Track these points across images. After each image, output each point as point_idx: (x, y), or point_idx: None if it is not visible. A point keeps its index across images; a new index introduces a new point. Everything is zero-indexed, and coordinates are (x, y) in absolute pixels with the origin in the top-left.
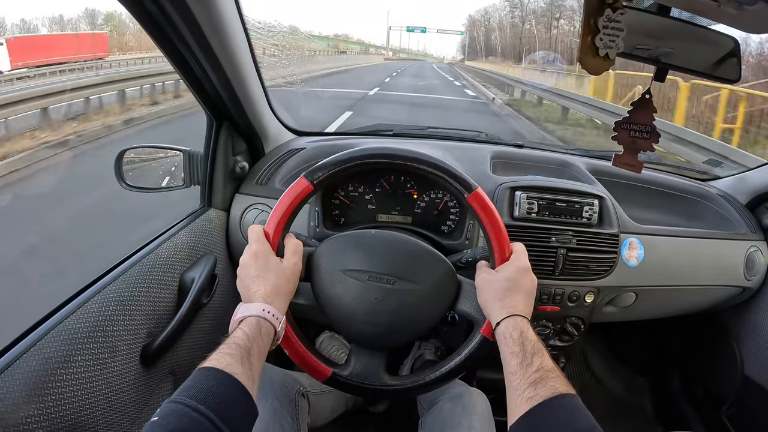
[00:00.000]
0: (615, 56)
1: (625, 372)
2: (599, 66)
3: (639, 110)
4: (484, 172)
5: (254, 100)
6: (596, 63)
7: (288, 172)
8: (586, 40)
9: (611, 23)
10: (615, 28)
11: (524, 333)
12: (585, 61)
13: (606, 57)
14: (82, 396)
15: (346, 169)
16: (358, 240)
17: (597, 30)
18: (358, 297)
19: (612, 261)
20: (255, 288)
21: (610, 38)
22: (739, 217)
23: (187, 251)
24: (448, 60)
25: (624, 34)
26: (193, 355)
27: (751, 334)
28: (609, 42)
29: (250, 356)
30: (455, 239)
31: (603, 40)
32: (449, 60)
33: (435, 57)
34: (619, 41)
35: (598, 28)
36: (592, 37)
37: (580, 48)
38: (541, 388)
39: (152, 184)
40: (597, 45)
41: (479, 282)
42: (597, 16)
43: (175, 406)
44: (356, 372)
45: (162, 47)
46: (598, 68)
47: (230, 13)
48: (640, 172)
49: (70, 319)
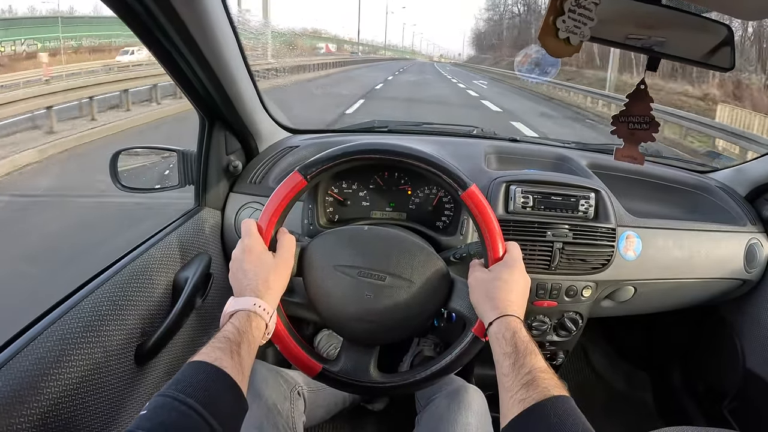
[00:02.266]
0: (579, 42)
1: (626, 367)
2: (560, 48)
3: (636, 101)
4: (478, 167)
5: (246, 99)
6: (556, 45)
7: (282, 171)
8: (549, 19)
9: (579, 9)
10: (583, 14)
11: (517, 333)
12: (544, 40)
13: (567, 41)
14: (76, 396)
15: (340, 164)
16: (351, 236)
17: (561, 11)
18: (349, 293)
19: (609, 255)
20: (246, 282)
21: (575, 23)
22: (739, 209)
23: (181, 251)
24: (442, 58)
25: (593, 23)
26: (188, 354)
27: (752, 327)
28: (573, 27)
29: (240, 350)
30: (450, 234)
31: (566, 23)
32: (448, 59)
33: (424, 55)
34: (585, 29)
35: (563, 9)
36: (554, 18)
37: (542, 28)
38: (533, 390)
39: (147, 184)
40: (558, 26)
41: (472, 281)
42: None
43: (163, 400)
44: (346, 368)
45: (150, 47)
46: (558, 50)
47: (217, 12)
48: (642, 164)
49: (63, 320)
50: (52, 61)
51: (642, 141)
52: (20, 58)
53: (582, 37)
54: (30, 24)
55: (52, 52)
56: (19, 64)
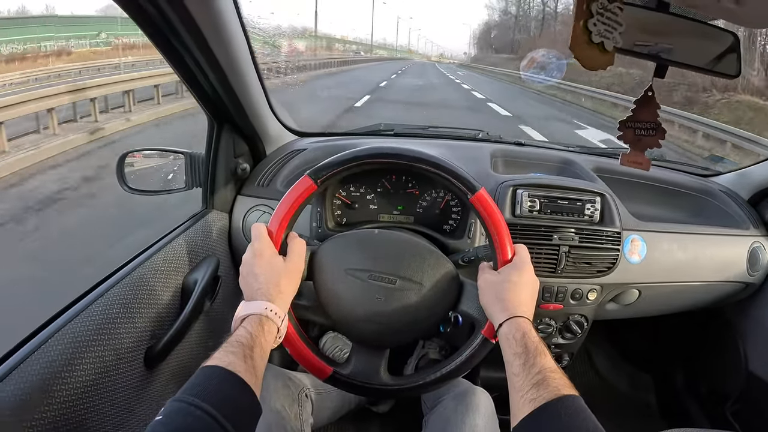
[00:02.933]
0: (613, 49)
1: (629, 369)
2: (595, 58)
3: (642, 107)
4: (485, 171)
5: (255, 102)
6: (591, 53)
7: (290, 174)
8: (579, 24)
9: (606, 12)
10: (611, 18)
11: (527, 334)
12: (578, 50)
13: (602, 47)
14: (86, 398)
15: (350, 168)
16: (361, 239)
17: (591, 14)
18: (359, 296)
19: (614, 258)
20: (257, 286)
21: (606, 27)
22: (742, 212)
23: (190, 253)
24: (442, 58)
25: (622, 28)
26: (197, 357)
27: (755, 330)
28: (604, 30)
29: (252, 354)
30: (457, 238)
31: (597, 26)
32: (448, 58)
33: (421, 55)
34: (616, 34)
35: (591, 12)
36: (585, 21)
37: (573, 35)
38: (543, 389)
39: (154, 186)
40: (590, 29)
41: (481, 283)
42: (591, 1)
43: (179, 405)
44: (357, 371)
45: (161, 49)
46: (593, 60)
47: (230, 15)
48: (648, 169)
49: (74, 322)
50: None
51: (648, 147)
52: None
53: (615, 43)
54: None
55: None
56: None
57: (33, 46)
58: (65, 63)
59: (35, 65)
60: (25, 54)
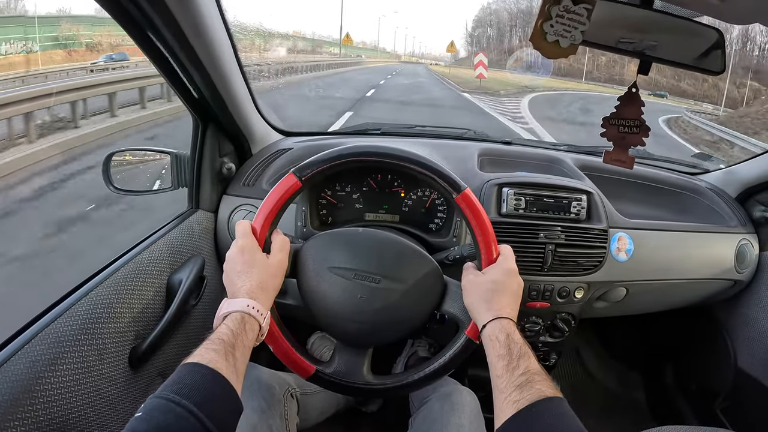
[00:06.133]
0: (570, 45)
1: (619, 367)
2: (553, 50)
3: (626, 105)
4: (471, 170)
5: (239, 101)
6: (548, 47)
7: (275, 173)
8: (538, 23)
9: (568, 14)
10: (573, 19)
11: (510, 335)
12: (536, 43)
13: (557, 44)
14: (70, 399)
15: (335, 166)
16: (345, 238)
17: (549, 16)
18: (343, 295)
19: (601, 256)
20: (240, 283)
21: (565, 27)
22: (729, 210)
23: (175, 253)
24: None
25: (585, 26)
26: (181, 356)
27: (743, 327)
28: (562, 30)
29: (234, 351)
30: (443, 237)
31: (554, 27)
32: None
33: (388, 53)
34: (576, 33)
35: (550, 15)
36: (542, 22)
37: (532, 32)
38: (527, 391)
39: (141, 186)
40: (545, 30)
41: (466, 283)
42: (552, 5)
43: (159, 402)
44: (340, 370)
45: (144, 49)
46: (551, 52)
47: (212, 14)
48: (631, 168)
49: (57, 322)
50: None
51: (632, 145)
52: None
53: (573, 41)
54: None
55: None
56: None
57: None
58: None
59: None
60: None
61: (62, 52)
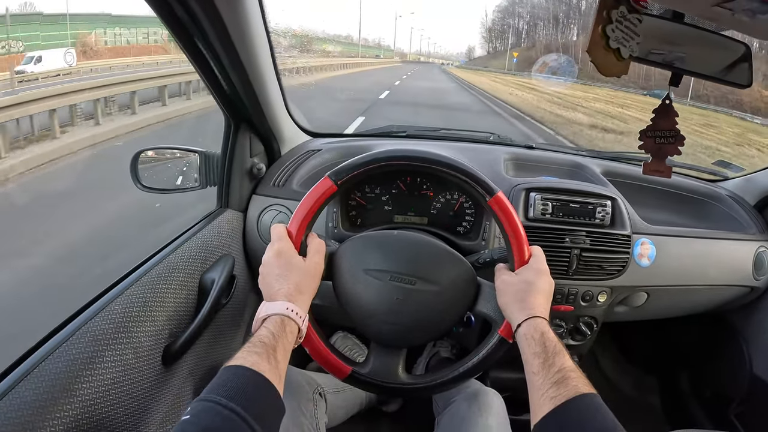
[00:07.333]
0: (629, 57)
1: (634, 371)
2: (610, 64)
3: (661, 116)
4: (499, 174)
5: (272, 102)
6: (607, 58)
7: (306, 174)
8: (597, 29)
9: (625, 21)
10: (629, 27)
11: (545, 334)
12: (595, 54)
13: (618, 53)
14: (108, 396)
15: (370, 170)
16: (380, 240)
17: (609, 20)
18: (379, 296)
19: (624, 261)
20: (278, 286)
21: (624, 34)
22: (748, 217)
23: (206, 252)
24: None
25: (639, 39)
26: (213, 355)
27: (758, 334)
28: (622, 37)
29: (275, 354)
30: (471, 240)
31: (615, 32)
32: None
33: (392, 52)
34: (633, 43)
35: (611, 18)
36: (603, 27)
37: (591, 38)
38: (563, 387)
39: (168, 185)
40: (608, 34)
41: (499, 284)
42: (611, 8)
43: (206, 404)
44: (375, 370)
45: (186, 49)
46: (608, 65)
47: (255, 15)
48: (669, 177)
49: (94, 320)
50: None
51: (669, 155)
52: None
53: (632, 51)
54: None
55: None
56: None
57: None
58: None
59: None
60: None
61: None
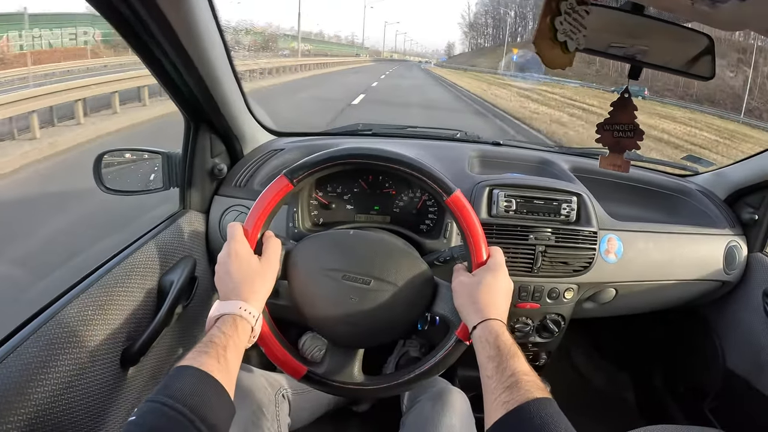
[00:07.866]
0: (575, 50)
1: (608, 367)
2: (556, 56)
3: (620, 110)
4: (462, 171)
5: (231, 102)
6: (552, 51)
7: (267, 174)
8: (545, 20)
9: (573, 13)
10: (576, 20)
11: (500, 337)
12: (541, 46)
13: (564, 46)
14: (62, 400)
15: (327, 168)
16: (336, 239)
17: (558, 12)
18: (334, 296)
19: (591, 258)
20: (232, 285)
21: (571, 26)
22: (718, 212)
23: (166, 254)
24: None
25: (586, 31)
26: (173, 357)
27: (731, 328)
28: (570, 30)
29: (226, 354)
30: (434, 237)
31: (563, 25)
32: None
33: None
34: (580, 36)
35: (559, 10)
36: (551, 18)
37: (538, 30)
38: (516, 392)
39: (132, 186)
40: (556, 27)
41: (456, 285)
42: (560, 0)
43: (153, 405)
44: (331, 371)
45: (135, 49)
46: (553, 59)
47: (204, 15)
48: (627, 171)
49: (49, 324)
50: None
51: (627, 149)
52: None
53: (578, 44)
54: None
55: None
56: None
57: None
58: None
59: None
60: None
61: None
